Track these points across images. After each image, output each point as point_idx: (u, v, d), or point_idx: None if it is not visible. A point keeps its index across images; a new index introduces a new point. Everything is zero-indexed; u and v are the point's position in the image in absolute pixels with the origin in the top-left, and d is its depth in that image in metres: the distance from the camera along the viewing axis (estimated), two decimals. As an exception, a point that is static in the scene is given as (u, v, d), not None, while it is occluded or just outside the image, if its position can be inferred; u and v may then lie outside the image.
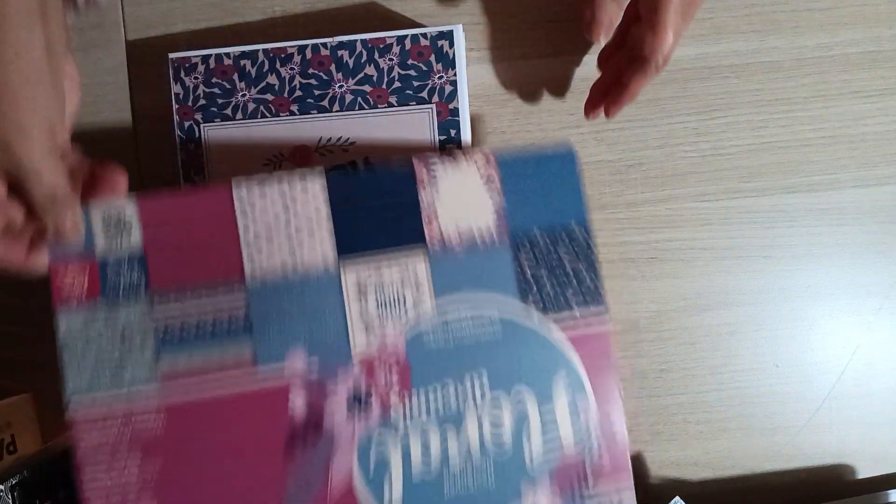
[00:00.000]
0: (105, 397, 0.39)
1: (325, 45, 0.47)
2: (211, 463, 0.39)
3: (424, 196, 0.41)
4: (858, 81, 0.50)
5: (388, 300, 0.40)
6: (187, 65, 0.47)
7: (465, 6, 0.49)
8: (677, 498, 0.44)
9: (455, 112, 0.47)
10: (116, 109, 0.50)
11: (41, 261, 0.38)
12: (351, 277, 0.40)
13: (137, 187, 0.49)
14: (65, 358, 0.38)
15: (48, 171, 0.35)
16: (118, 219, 0.39)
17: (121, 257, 0.39)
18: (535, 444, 0.41)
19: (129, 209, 0.39)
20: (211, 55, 0.47)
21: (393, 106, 0.47)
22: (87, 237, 0.39)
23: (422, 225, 0.41)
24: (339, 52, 0.47)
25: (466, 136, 0.47)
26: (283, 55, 0.47)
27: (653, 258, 0.50)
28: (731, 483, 0.49)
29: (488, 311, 0.41)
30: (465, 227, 0.41)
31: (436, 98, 0.47)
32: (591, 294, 0.42)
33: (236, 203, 0.40)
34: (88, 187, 0.39)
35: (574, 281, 0.42)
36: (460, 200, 0.42)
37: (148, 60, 0.49)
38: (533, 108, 0.50)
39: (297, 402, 0.39)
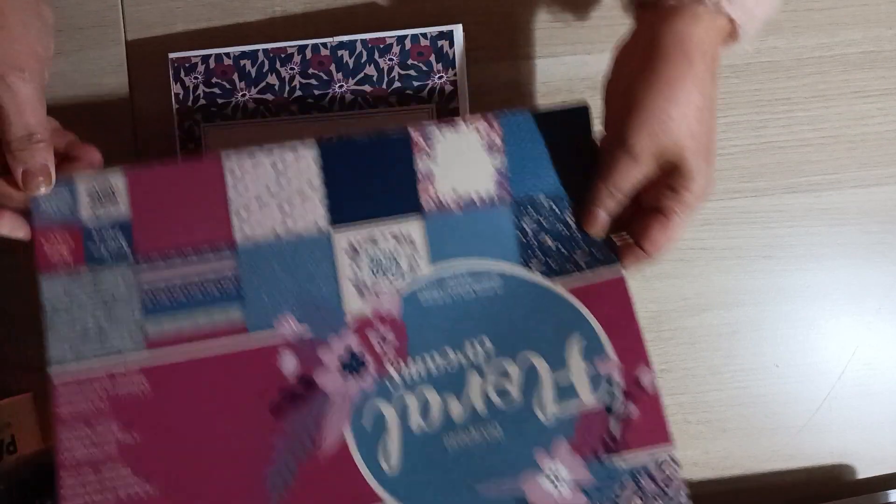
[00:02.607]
0: (88, 364, 0.38)
1: (325, 45, 0.47)
2: (196, 428, 0.38)
3: (420, 163, 0.40)
4: (858, 81, 0.50)
5: (382, 264, 0.39)
6: (187, 65, 0.47)
7: (465, 6, 0.49)
8: (677, 498, 0.44)
9: (455, 112, 0.47)
10: (116, 110, 0.50)
11: (6, 223, 0.38)
12: (343, 242, 0.39)
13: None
14: (47, 325, 0.38)
15: (33, 107, 0.36)
16: (105, 188, 0.39)
17: (106, 225, 0.39)
18: (547, 402, 0.38)
19: (116, 179, 0.39)
20: (211, 55, 0.47)
21: (393, 106, 0.47)
22: (72, 205, 0.38)
23: (417, 192, 0.40)
24: (339, 52, 0.47)
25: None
26: (283, 55, 0.47)
27: (653, 258, 0.50)
28: (731, 483, 0.49)
29: (489, 269, 0.40)
30: (465, 192, 0.40)
31: (436, 98, 0.47)
32: (603, 253, 0.40)
33: (226, 171, 0.39)
34: (65, 160, 0.39)
35: (583, 243, 0.40)
36: (460, 166, 0.40)
37: (148, 60, 0.49)
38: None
39: (288, 365, 0.38)
